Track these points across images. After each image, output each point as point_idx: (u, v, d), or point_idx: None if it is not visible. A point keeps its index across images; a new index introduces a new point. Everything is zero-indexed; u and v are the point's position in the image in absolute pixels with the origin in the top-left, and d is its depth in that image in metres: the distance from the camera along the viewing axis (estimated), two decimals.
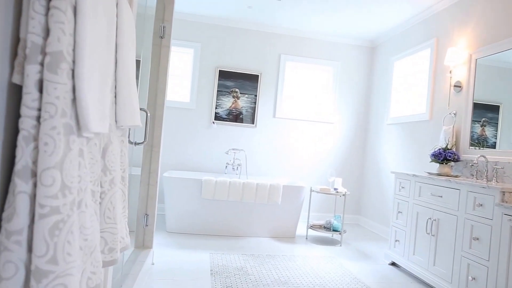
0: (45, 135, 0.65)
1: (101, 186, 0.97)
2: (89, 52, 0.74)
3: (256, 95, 5.15)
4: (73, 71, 0.71)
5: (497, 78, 3.05)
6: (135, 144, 2.50)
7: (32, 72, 0.65)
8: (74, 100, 0.72)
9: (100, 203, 0.97)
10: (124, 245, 1.13)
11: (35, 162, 0.66)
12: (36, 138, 0.66)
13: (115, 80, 1.05)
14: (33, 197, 0.66)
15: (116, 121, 1.07)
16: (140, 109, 2.55)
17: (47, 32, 0.67)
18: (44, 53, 0.66)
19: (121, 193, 1.14)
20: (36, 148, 0.66)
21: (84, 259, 0.81)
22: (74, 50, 0.71)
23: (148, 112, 2.53)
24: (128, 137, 2.50)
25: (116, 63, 1.04)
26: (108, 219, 0.98)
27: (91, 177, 0.88)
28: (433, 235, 2.85)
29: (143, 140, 2.52)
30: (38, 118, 0.66)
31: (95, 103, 0.77)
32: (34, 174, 0.66)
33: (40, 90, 0.67)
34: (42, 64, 0.66)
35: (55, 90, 0.66)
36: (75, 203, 0.71)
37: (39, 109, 0.66)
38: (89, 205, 0.84)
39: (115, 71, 1.05)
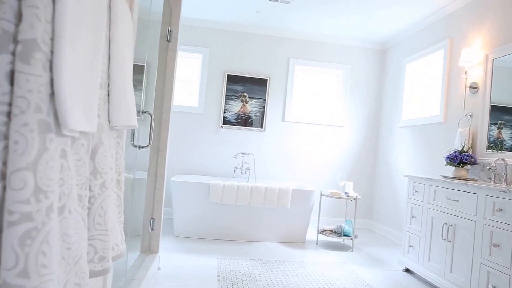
0: (16, 132, 0.58)
1: (91, 190, 0.90)
2: (70, 42, 0.67)
3: (265, 99, 5.08)
4: (51, 62, 0.65)
5: None
6: (139, 147, 2.45)
7: (2, 62, 0.59)
8: (52, 94, 0.66)
9: (89, 208, 0.90)
10: (118, 253, 1.06)
11: (6, 163, 0.59)
12: (7, 137, 0.59)
13: (108, 77, 0.98)
14: (3, 203, 0.59)
15: (109, 121, 1.00)
16: (144, 112, 2.50)
17: (20, 18, 0.60)
18: (16, 42, 0.60)
19: (115, 198, 1.07)
20: (7, 147, 0.59)
21: (67, 270, 0.74)
22: (52, 39, 0.65)
23: (152, 115, 2.48)
24: (133, 140, 2.46)
25: (109, 59, 0.98)
26: (99, 226, 0.91)
27: (78, 180, 0.81)
28: (450, 241, 2.73)
29: (147, 144, 2.46)
30: (9, 114, 0.60)
31: (77, 99, 0.70)
32: (4, 177, 0.59)
33: (12, 83, 0.60)
34: (14, 54, 0.60)
35: (27, 82, 0.59)
36: (52, 209, 0.64)
37: (11, 104, 0.60)
38: (74, 210, 0.77)
39: (108, 68, 0.98)
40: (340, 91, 5.26)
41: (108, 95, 0.98)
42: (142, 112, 2.49)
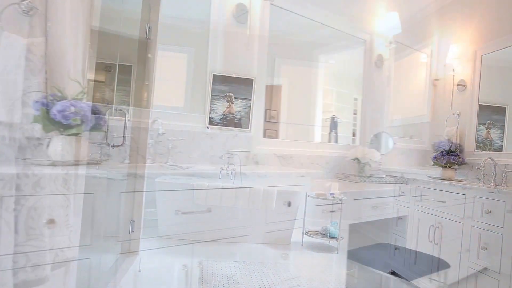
0: None
1: (20, 190, 0.78)
2: None
3: (250, 99, 4.99)
4: None
5: (502, 79, 2.89)
6: (112, 146, 2.33)
7: None
8: None
9: (18, 210, 0.78)
10: (64, 259, 0.94)
11: None
12: None
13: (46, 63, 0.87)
14: None
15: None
16: (117, 109, 2.39)
17: None
18: None
19: (60, 198, 0.95)
20: None
21: None
22: None
23: (126, 113, 2.37)
24: (106, 138, 2.34)
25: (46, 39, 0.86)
26: (32, 230, 0.79)
27: None
28: (436, 244, 2.65)
29: (121, 143, 2.35)
30: None
31: None
32: None
33: None
34: None
35: None
36: None
37: None
38: None
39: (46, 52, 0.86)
40: (327, 89, 5.19)
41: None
42: (116, 110, 2.38)
